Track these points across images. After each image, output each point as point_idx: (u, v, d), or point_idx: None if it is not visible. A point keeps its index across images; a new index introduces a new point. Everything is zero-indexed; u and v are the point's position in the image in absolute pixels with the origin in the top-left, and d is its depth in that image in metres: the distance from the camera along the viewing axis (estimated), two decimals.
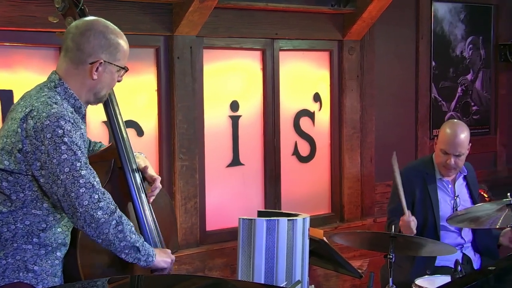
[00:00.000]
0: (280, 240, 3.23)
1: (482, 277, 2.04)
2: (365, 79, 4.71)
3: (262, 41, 4.24)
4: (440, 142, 3.77)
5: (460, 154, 3.71)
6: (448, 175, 3.81)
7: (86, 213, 2.35)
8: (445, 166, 3.75)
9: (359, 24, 4.49)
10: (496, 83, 5.60)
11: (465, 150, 3.73)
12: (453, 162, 3.70)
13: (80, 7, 2.72)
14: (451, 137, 3.71)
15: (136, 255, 2.47)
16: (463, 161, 3.76)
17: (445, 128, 3.79)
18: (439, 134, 3.81)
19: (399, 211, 3.69)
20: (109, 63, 2.50)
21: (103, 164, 2.69)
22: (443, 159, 3.74)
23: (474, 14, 5.40)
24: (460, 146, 3.70)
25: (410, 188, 3.80)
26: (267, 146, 4.31)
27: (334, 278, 4.46)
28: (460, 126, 3.78)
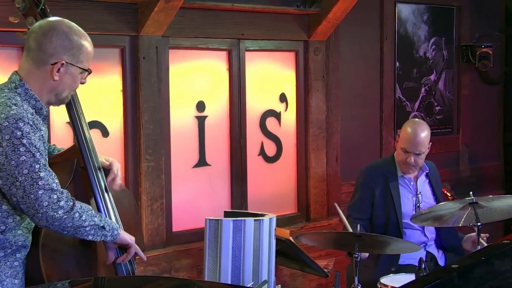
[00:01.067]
0: (247, 240, 3.24)
1: (446, 274, 2.07)
2: (331, 80, 4.74)
3: (228, 41, 4.24)
4: (401, 140, 3.83)
5: (420, 153, 3.77)
6: (408, 172, 3.87)
7: (46, 214, 2.35)
8: (405, 164, 3.81)
9: (324, 24, 4.51)
10: (459, 84, 5.68)
11: (425, 149, 3.79)
12: (413, 160, 3.76)
13: (41, 7, 2.69)
14: (411, 136, 3.77)
15: (102, 232, 2.49)
16: (423, 160, 3.82)
17: (406, 127, 3.84)
18: (401, 133, 3.87)
19: (357, 206, 3.82)
20: (71, 65, 2.48)
21: (65, 164, 2.68)
22: (403, 157, 3.79)
23: (437, 15, 5.47)
24: (420, 145, 3.76)
25: (372, 186, 3.85)
26: (234, 147, 4.31)
27: (301, 277, 4.48)
28: (421, 125, 3.84)
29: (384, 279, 3.42)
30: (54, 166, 2.48)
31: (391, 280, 3.40)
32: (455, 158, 5.69)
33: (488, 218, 3.43)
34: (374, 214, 3.87)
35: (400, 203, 3.83)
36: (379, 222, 3.84)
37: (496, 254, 2.28)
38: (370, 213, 3.87)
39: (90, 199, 2.66)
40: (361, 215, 3.82)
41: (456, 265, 2.11)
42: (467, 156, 5.75)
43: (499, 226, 5.48)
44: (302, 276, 4.46)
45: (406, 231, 3.82)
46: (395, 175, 3.87)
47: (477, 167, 5.82)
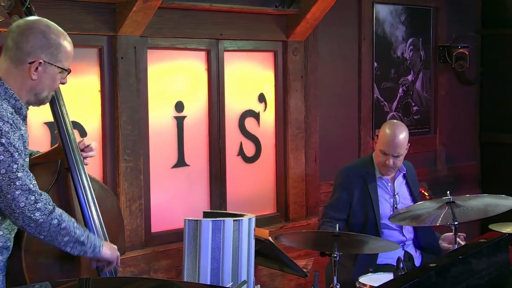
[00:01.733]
0: (226, 241, 3.24)
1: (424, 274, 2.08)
2: (309, 80, 4.76)
3: (206, 41, 4.24)
4: (379, 142, 3.84)
5: (398, 155, 3.79)
6: (387, 174, 3.89)
7: (23, 215, 2.34)
8: (384, 166, 3.83)
9: (302, 25, 4.53)
10: (436, 84, 5.73)
11: (404, 151, 3.82)
12: (391, 163, 3.78)
13: (26, 5, 2.67)
14: (390, 138, 3.79)
15: (81, 248, 2.48)
16: (401, 161, 3.85)
17: (385, 129, 3.86)
18: (379, 135, 3.88)
19: (334, 206, 3.85)
20: (49, 64, 2.46)
21: (49, 165, 2.67)
22: (382, 159, 3.81)
23: (414, 16, 5.51)
24: (398, 147, 3.78)
25: (350, 187, 3.87)
26: (212, 147, 4.31)
27: (280, 277, 4.49)
28: (399, 127, 3.85)
29: (362, 278, 3.43)
30: (37, 167, 2.47)
31: (370, 279, 3.42)
32: (433, 158, 5.74)
33: (465, 217, 3.47)
34: (352, 214, 3.88)
35: (378, 204, 3.85)
36: (357, 223, 3.86)
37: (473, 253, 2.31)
38: (347, 213, 3.88)
39: (74, 200, 2.65)
40: (337, 215, 3.84)
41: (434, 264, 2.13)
42: (444, 155, 5.79)
43: (476, 225, 5.54)
44: (281, 276, 4.47)
45: (384, 231, 3.85)
46: (373, 176, 3.89)
47: (454, 167, 5.87)
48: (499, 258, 2.43)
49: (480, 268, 2.32)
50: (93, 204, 2.68)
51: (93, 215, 2.66)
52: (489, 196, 3.62)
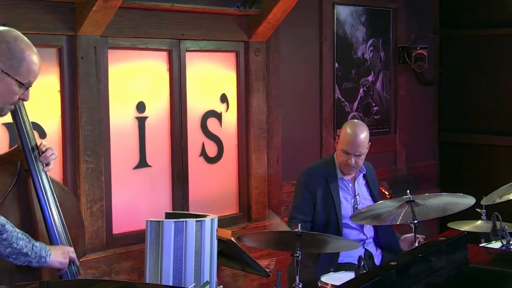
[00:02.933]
0: (188, 242, 3.23)
1: (384, 272, 2.10)
2: (271, 80, 4.77)
3: (168, 41, 4.22)
4: (341, 142, 3.88)
5: (360, 154, 3.84)
6: (349, 173, 3.93)
7: None
8: (346, 166, 3.86)
9: (264, 25, 4.54)
10: (396, 84, 5.80)
11: (365, 150, 3.86)
12: (353, 162, 3.82)
13: None
14: (351, 138, 3.83)
15: (25, 259, 2.45)
16: (363, 160, 3.89)
17: (346, 129, 3.90)
18: (340, 135, 3.92)
19: (300, 208, 3.87)
20: (6, 74, 2.41)
21: (8, 167, 2.63)
22: (344, 158, 3.85)
23: (374, 17, 5.57)
24: (360, 146, 3.82)
25: (313, 188, 3.90)
26: (175, 147, 4.29)
27: (242, 277, 4.50)
28: (360, 127, 3.90)
29: (324, 277, 3.46)
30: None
31: (331, 278, 3.45)
32: (393, 158, 5.81)
33: (424, 216, 3.52)
34: (315, 215, 3.91)
35: (340, 204, 3.89)
36: (320, 222, 3.89)
37: (433, 251, 2.34)
38: (313, 215, 3.91)
39: (35, 202, 2.61)
40: (304, 217, 3.87)
41: (394, 263, 2.15)
42: (404, 155, 5.87)
43: (435, 223, 5.63)
44: (244, 276, 4.48)
45: (345, 230, 3.88)
46: (335, 177, 3.93)
47: (413, 166, 5.96)
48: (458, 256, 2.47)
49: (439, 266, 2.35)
50: (53, 206, 2.65)
51: (53, 217, 2.63)
52: (447, 195, 3.68)
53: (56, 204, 2.67)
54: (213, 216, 3.34)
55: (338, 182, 3.93)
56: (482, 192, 3.97)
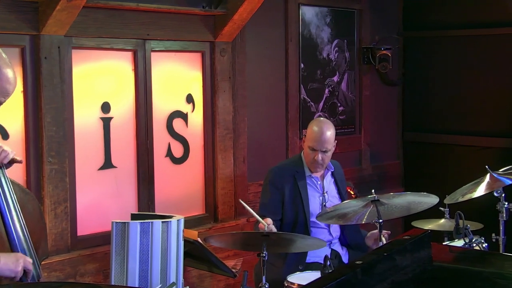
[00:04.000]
0: (154, 243, 3.21)
1: (350, 271, 2.12)
2: (237, 80, 4.78)
3: (133, 41, 4.19)
4: (308, 139, 3.91)
5: (326, 150, 3.87)
6: (316, 171, 3.96)
7: None
8: (313, 163, 3.89)
9: (230, 25, 4.54)
10: (360, 85, 5.85)
11: (331, 147, 3.90)
12: (320, 158, 3.86)
13: None
14: (318, 134, 3.87)
15: None
16: (329, 158, 3.93)
17: (312, 126, 3.94)
18: (307, 132, 3.96)
19: (269, 207, 3.87)
20: None
21: None
22: (311, 155, 3.88)
23: (339, 18, 5.61)
24: (326, 142, 3.87)
25: (281, 186, 3.91)
26: (140, 148, 4.27)
27: (209, 278, 4.49)
28: (326, 124, 3.95)
29: (290, 277, 3.48)
30: None
31: (298, 278, 3.47)
32: (358, 157, 5.86)
33: (389, 215, 3.56)
34: (283, 213, 3.93)
35: (308, 202, 3.91)
36: (288, 221, 3.90)
37: (398, 250, 2.37)
38: (281, 213, 3.93)
39: None
40: (273, 216, 3.87)
41: (360, 262, 2.17)
42: (369, 155, 5.92)
43: (399, 222, 5.69)
44: (211, 277, 4.47)
45: (312, 229, 3.91)
46: (303, 175, 3.96)
47: (378, 166, 6.02)
48: (422, 254, 2.51)
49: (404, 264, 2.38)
50: (13, 208, 2.60)
51: (13, 220, 2.59)
52: (411, 194, 3.72)
53: (16, 207, 2.62)
54: (179, 217, 3.33)
55: (307, 180, 3.95)
56: (445, 191, 4.03)
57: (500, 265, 2.70)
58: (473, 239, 3.79)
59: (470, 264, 2.69)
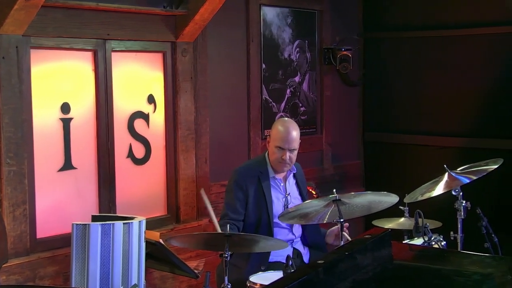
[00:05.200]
0: (116, 244, 3.19)
1: (312, 270, 2.14)
2: (199, 81, 4.77)
3: (93, 41, 4.15)
4: (274, 140, 3.93)
5: (294, 149, 3.91)
6: (283, 170, 3.97)
7: None
8: (280, 162, 3.91)
9: (191, 26, 4.53)
10: (322, 85, 5.89)
11: (298, 145, 3.94)
12: (288, 157, 3.88)
13: None
14: (285, 133, 3.90)
15: None
16: (295, 156, 3.96)
17: (278, 126, 3.96)
18: (272, 132, 3.97)
19: (232, 207, 3.87)
20: None
21: None
22: (278, 155, 3.90)
23: (300, 18, 5.64)
24: (294, 141, 3.90)
25: (245, 187, 3.92)
26: (101, 149, 4.23)
27: (171, 279, 4.47)
28: (292, 123, 3.99)
29: (253, 277, 3.48)
30: None
31: (260, 278, 3.48)
32: (319, 157, 5.90)
33: (350, 214, 3.60)
34: (246, 213, 3.93)
35: (271, 203, 3.92)
36: (251, 222, 3.91)
37: (359, 249, 2.40)
38: (244, 214, 3.93)
39: None
40: (237, 216, 3.88)
41: (322, 261, 2.19)
42: (330, 155, 5.97)
43: (360, 221, 5.75)
44: (173, 278, 4.45)
45: (275, 229, 3.92)
46: (267, 176, 3.97)
47: (339, 166, 6.07)
48: (383, 253, 2.54)
49: (365, 263, 2.41)
50: None
51: None
52: (372, 193, 3.76)
53: None
54: (141, 218, 3.31)
55: (270, 181, 3.97)
56: (405, 190, 4.08)
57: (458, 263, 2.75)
58: (432, 237, 3.85)
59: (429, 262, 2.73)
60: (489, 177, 4.03)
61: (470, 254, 2.94)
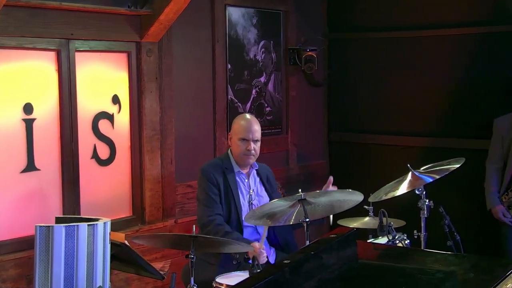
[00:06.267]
0: (80, 246, 3.16)
1: (278, 270, 2.15)
2: (164, 81, 4.74)
3: (56, 41, 4.10)
4: (237, 132, 3.98)
5: (257, 140, 3.98)
6: (249, 162, 4.00)
7: None
8: (245, 154, 3.96)
9: (156, 26, 4.50)
10: (287, 85, 5.91)
11: (260, 137, 4.02)
12: (253, 148, 3.93)
13: None
14: (247, 125, 3.98)
15: None
16: (259, 149, 4.02)
17: (239, 121, 4.05)
18: (234, 127, 4.04)
19: (213, 203, 3.88)
20: None
21: None
22: (243, 147, 3.94)
23: (265, 19, 5.66)
24: (257, 131, 3.99)
25: (216, 181, 3.93)
26: (65, 150, 4.18)
27: (136, 281, 4.44)
28: (252, 116, 4.11)
29: (219, 278, 3.48)
30: None
31: (226, 278, 3.48)
32: (285, 157, 5.92)
33: (317, 214, 3.61)
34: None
35: (239, 198, 3.95)
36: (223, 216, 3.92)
37: (324, 249, 2.42)
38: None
39: None
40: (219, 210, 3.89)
41: (288, 261, 2.20)
42: (295, 155, 5.99)
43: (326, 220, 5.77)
44: (138, 280, 4.42)
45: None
46: (232, 170, 4.00)
47: (305, 166, 6.10)
48: (348, 252, 2.57)
49: (331, 262, 2.43)
50: None
51: None
52: (337, 191, 3.78)
53: None
54: (106, 220, 3.29)
55: (236, 177, 3.99)
56: (370, 189, 4.12)
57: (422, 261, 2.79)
58: (396, 236, 3.90)
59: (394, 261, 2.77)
60: (451, 176, 4.09)
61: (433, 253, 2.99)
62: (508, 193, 4.68)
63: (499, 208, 4.72)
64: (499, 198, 4.75)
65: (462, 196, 5.47)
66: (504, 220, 4.71)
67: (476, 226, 5.35)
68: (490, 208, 4.81)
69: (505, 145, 4.76)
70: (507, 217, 4.70)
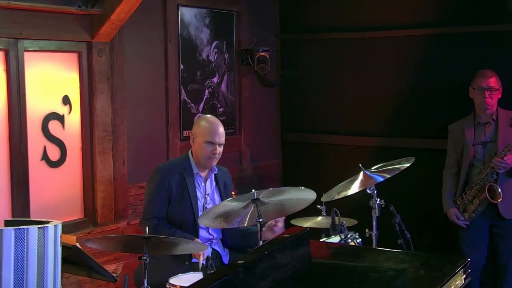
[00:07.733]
0: (30, 250, 3.11)
1: (232, 271, 2.15)
2: (116, 82, 4.69)
3: (4, 41, 4.02)
4: (202, 135, 3.93)
5: (222, 144, 3.96)
6: (211, 165, 3.99)
7: None
8: (210, 158, 3.93)
9: (107, 25, 4.45)
10: (240, 86, 5.92)
11: (224, 141, 3.96)
12: (218, 151, 3.91)
13: None
14: (213, 128, 3.95)
15: None
16: (221, 152, 3.98)
17: (203, 122, 4.00)
18: (198, 129, 3.98)
19: (156, 206, 3.88)
20: None
21: None
22: (208, 150, 3.91)
23: (218, 19, 5.65)
24: (223, 135, 3.98)
25: (168, 184, 3.90)
26: (14, 152, 4.10)
27: (88, 284, 4.38)
28: (217, 119, 4.08)
29: (172, 279, 3.47)
30: None
31: (180, 279, 3.46)
32: (238, 158, 5.93)
33: (270, 215, 3.63)
34: (170, 211, 3.91)
35: (196, 200, 3.93)
36: (176, 219, 3.90)
37: (278, 248, 2.43)
38: (166, 213, 3.91)
39: None
40: (161, 215, 3.86)
41: (241, 261, 2.21)
42: (249, 155, 6.01)
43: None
44: (90, 282, 4.37)
45: None
46: (191, 172, 3.98)
47: (258, 166, 6.11)
48: (302, 251, 2.59)
49: (284, 262, 2.44)
50: None
51: None
52: (290, 189, 3.77)
53: None
54: (57, 222, 3.23)
55: (194, 179, 3.97)
56: (323, 189, 4.15)
57: (374, 259, 2.84)
58: (348, 235, 3.94)
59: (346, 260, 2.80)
60: (402, 176, 4.15)
61: (385, 251, 3.04)
62: (463, 196, 4.78)
63: (452, 211, 4.82)
64: (454, 202, 4.85)
65: (413, 195, 5.57)
66: (458, 222, 4.81)
67: (426, 225, 5.45)
68: (445, 210, 4.91)
69: (458, 150, 4.86)
70: (460, 219, 4.80)
